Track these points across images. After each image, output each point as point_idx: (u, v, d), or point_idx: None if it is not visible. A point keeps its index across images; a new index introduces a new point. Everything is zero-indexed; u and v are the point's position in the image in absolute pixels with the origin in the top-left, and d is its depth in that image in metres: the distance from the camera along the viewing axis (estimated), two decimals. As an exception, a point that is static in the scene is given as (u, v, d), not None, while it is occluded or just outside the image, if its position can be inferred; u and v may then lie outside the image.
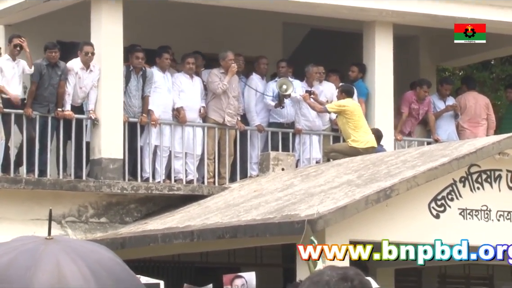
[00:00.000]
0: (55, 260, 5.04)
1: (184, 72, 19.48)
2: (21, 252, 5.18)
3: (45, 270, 4.94)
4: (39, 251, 5.14)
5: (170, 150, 19.26)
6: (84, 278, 5.03)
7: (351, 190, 15.65)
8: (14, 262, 5.03)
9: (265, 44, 21.28)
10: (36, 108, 18.43)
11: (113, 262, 5.53)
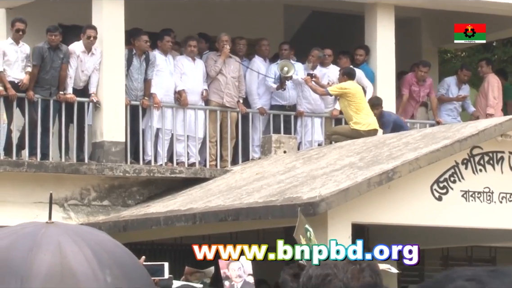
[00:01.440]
0: (57, 242, 5.06)
1: (186, 55, 19.50)
2: (21, 235, 5.21)
3: (47, 251, 4.96)
4: (40, 234, 5.17)
5: (172, 133, 19.29)
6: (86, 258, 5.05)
7: (353, 172, 15.68)
8: (15, 244, 5.05)
9: (267, 26, 21.29)
10: (38, 91, 18.48)
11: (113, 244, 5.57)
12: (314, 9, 22.09)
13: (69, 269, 4.92)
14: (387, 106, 19.57)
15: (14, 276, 4.75)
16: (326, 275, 3.76)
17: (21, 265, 4.81)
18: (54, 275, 4.86)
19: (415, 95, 21.10)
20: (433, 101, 21.28)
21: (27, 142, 18.41)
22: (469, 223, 16.19)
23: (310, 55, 20.05)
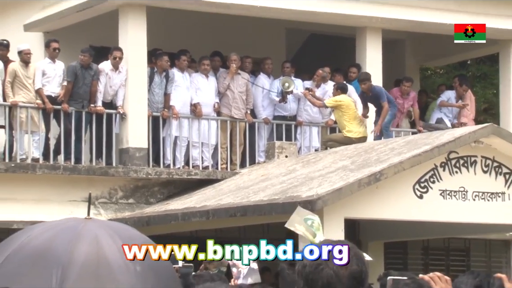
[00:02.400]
0: (94, 234, 5.13)
1: (200, 72, 19.53)
2: (63, 228, 5.28)
3: (85, 242, 5.02)
4: (79, 227, 5.24)
5: (188, 140, 19.31)
6: (119, 250, 5.11)
7: (346, 174, 15.69)
8: (57, 236, 5.11)
9: (271, 47, 21.27)
10: (72, 104, 18.51)
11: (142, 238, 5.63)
12: (312, 32, 22.07)
13: (104, 258, 4.98)
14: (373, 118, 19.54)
15: (56, 264, 4.80)
16: (319, 264, 3.78)
17: (62, 254, 4.86)
18: (91, 264, 4.92)
19: (400, 107, 21.02)
20: (415, 112, 21.24)
21: (62, 148, 18.44)
22: (446, 218, 16.21)
23: (315, 75, 20.07)
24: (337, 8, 20.04)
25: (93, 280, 4.92)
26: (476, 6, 21.39)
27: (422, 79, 25.24)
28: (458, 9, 21.12)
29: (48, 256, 4.86)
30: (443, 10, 20.94)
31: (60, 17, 19.93)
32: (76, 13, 19.53)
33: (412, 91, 21.34)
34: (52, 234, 5.10)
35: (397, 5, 20.64)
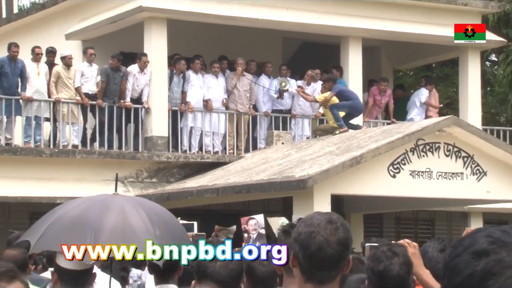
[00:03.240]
0: (121, 207, 5.16)
1: (211, 74, 19.52)
2: (95, 201, 5.32)
3: (113, 212, 5.06)
4: (108, 201, 5.27)
5: (202, 130, 19.28)
6: (141, 218, 5.15)
7: (332, 158, 15.70)
8: (90, 207, 5.15)
9: (270, 53, 21.25)
10: (105, 100, 18.50)
11: (161, 209, 5.66)
12: (304, 40, 22.03)
13: (129, 225, 5.01)
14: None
15: (90, 229, 4.82)
16: (312, 232, 3.79)
17: (95, 222, 4.89)
18: (118, 229, 4.96)
19: (378, 102, 21.01)
20: (390, 106, 21.23)
21: (97, 137, 18.46)
22: (415, 193, 16.24)
23: (306, 75, 20.05)
24: (324, 20, 20.01)
25: (120, 242, 4.97)
26: (441, 19, 21.33)
27: (395, 79, 25.19)
28: (425, 21, 21.09)
29: (83, 223, 4.90)
30: (413, 22, 20.90)
31: (95, 28, 19.92)
32: (109, 24, 19.54)
33: (388, 89, 21.33)
34: (86, 206, 5.16)
35: (374, 18, 20.58)
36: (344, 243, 3.70)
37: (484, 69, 25.84)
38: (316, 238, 3.70)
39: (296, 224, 4.22)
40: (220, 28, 19.81)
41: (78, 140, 18.47)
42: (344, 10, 20.44)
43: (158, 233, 5.08)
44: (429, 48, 22.36)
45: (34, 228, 5.23)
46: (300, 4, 20.00)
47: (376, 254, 4.73)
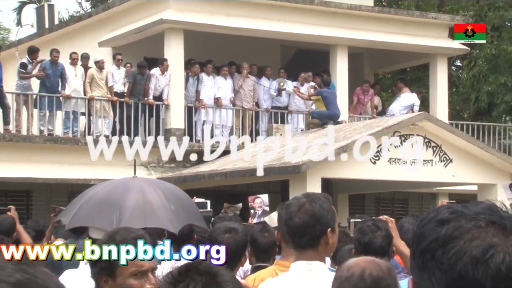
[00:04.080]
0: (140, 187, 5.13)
1: (221, 76, 19.52)
2: (117, 183, 5.28)
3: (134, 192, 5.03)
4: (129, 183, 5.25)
5: (212, 123, 19.29)
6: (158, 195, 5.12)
7: (322, 147, 15.69)
8: (114, 189, 5.11)
9: (270, 58, 21.24)
10: (132, 97, 18.53)
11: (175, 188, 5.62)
12: (299, 48, 21.99)
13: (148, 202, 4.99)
14: (343, 108, 19.49)
15: (114, 207, 4.81)
16: (288, 204, 3.80)
17: (118, 201, 4.88)
18: (139, 206, 4.95)
19: (361, 101, 21.03)
20: (372, 104, 21.25)
21: (125, 128, 18.47)
22: (392, 177, 16.23)
23: (300, 77, 20.05)
24: (316, 31, 20.01)
25: (142, 216, 4.95)
26: (414, 30, 21.34)
27: (376, 81, 25.13)
28: (401, 32, 21.10)
29: (108, 203, 4.89)
30: (391, 33, 20.91)
31: (123, 37, 19.96)
32: (135, 34, 19.57)
33: (371, 89, 21.32)
34: (110, 188, 5.15)
35: (358, 29, 20.58)
36: (311, 214, 3.67)
37: (451, 73, 25.80)
38: (288, 209, 3.71)
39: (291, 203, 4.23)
40: (228, 37, 19.78)
41: (109, 131, 18.50)
42: (333, 23, 20.44)
43: (173, 207, 5.07)
44: (404, 55, 22.37)
45: (68, 209, 5.25)
46: (295, 17, 20.04)
47: (363, 228, 4.73)
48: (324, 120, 18.42)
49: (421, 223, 1.60)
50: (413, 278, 1.57)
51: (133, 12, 19.91)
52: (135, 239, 2.77)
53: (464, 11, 25.78)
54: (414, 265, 1.57)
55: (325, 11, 20.44)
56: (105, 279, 3.14)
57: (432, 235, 1.54)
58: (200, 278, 1.98)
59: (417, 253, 1.56)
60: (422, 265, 1.54)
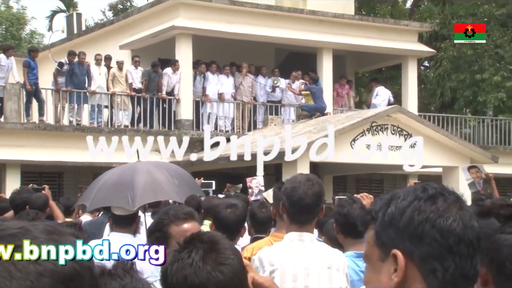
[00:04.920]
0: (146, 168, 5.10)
1: (224, 74, 19.47)
2: (126, 168, 5.22)
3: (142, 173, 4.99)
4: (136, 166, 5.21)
5: (217, 115, 19.28)
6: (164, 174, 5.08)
7: (310, 135, 15.68)
8: (124, 172, 5.07)
9: (266, 59, 21.20)
10: (147, 93, 18.46)
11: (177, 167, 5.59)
12: (291, 50, 21.94)
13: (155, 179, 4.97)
14: (328, 102, 19.47)
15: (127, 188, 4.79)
16: (294, 187, 3.78)
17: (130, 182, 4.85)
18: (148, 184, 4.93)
19: (340, 94, 21.04)
20: (349, 96, 21.29)
21: (142, 119, 18.45)
22: (370, 161, 16.20)
23: (291, 75, 19.98)
24: (305, 36, 20.00)
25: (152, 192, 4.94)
26: (389, 35, 21.33)
27: (356, 79, 25.11)
28: (378, 37, 21.08)
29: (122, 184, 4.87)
30: (369, 38, 20.90)
31: (140, 41, 19.93)
32: (150, 38, 19.56)
33: (346, 85, 21.29)
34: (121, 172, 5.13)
35: (341, 35, 20.56)
36: (317, 195, 3.70)
37: (419, 72, 25.78)
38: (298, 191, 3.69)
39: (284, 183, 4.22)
40: (230, 41, 19.73)
41: (128, 121, 18.41)
42: (319, 29, 20.41)
43: (176, 182, 5.08)
44: (380, 56, 22.32)
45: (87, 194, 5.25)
46: (287, 24, 20.01)
47: (341, 202, 4.75)
48: (312, 112, 18.46)
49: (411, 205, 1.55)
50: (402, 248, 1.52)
51: (149, 20, 19.86)
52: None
53: (431, 19, 25.71)
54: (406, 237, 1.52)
55: (312, 19, 20.40)
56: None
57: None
58: (202, 245, 1.97)
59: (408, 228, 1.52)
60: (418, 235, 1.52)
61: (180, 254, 1.99)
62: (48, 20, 38.66)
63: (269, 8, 20.10)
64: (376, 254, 1.53)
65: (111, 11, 36.84)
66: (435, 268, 1.48)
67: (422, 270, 1.48)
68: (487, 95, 24.39)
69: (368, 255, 1.57)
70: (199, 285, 1.91)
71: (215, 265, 1.94)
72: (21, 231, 1.13)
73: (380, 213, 1.54)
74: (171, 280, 1.96)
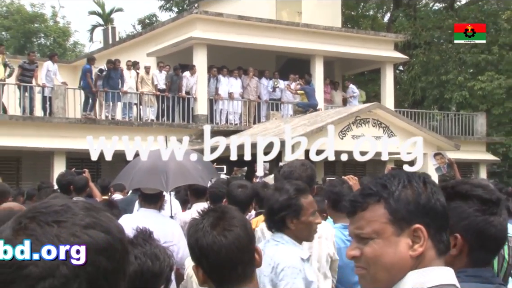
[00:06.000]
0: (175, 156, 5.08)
1: (233, 77, 19.36)
2: (157, 156, 5.16)
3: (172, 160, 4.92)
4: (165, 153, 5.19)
5: (227, 110, 19.23)
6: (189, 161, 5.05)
7: (305, 127, 15.62)
8: (156, 160, 4.98)
9: (268, 64, 21.11)
10: (170, 92, 18.39)
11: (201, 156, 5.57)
12: (289, 57, 21.86)
13: (184, 166, 4.95)
14: (319, 100, 19.42)
15: (161, 172, 4.76)
16: (291, 171, 3.76)
17: (163, 167, 4.81)
18: (178, 169, 4.90)
19: (326, 91, 20.99)
20: (332, 96, 21.24)
21: (165, 114, 18.41)
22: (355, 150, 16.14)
23: (289, 78, 19.83)
24: (301, 45, 19.94)
25: (182, 176, 4.91)
26: (370, 44, 21.26)
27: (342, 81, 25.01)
28: (361, 46, 21.01)
29: (156, 169, 4.83)
30: (354, 46, 20.85)
31: (164, 49, 19.88)
32: (172, 47, 19.48)
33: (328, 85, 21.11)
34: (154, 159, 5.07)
35: (330, 44, 20.49)
36: (310, 177, 3.70)
37: (395, 75, 25.64)
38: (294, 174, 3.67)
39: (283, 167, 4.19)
40: (238, 49, 19.67)
41: (154, 116, 18.31)
42: (313, 39, 20.31)
43: (200, 167, 5.07)
44: (363, 62, 22.23)
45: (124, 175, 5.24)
46: (286, 35, 19.94)
47: (333, 182, 4.73)
48: (306, 108, 18.41)
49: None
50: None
51: (171, 32, 19.78)
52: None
53: (404, 31, 25.60)
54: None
55: (307, 31, 20.32)
56: (292, 219, 3.09)
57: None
58: (214, 214, 1.98)
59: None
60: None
61: (197, 221, 1.99)
62: (89, 33, 38.64)
63: (271, 22, 20.01)
64: (391, 230, 1.48)
65: (140, 25, 36.79)
66: (442, 238, 1.51)
67: (434, 240, 1.49)
68: (451, 94, 24.31)
69: (379, 231, 1.49)
70: (206, 247, 1.91)
71: (221, 231, 1.93)
72: (63, 208, 1.11)
73: (397, 193, 1.50)
74: (188, 242, 1.98)
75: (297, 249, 3.03)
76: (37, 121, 17.01)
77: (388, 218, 1.49)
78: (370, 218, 1.50)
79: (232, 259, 1.89)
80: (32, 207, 1.14)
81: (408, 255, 1.46)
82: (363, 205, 1.52)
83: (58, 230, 1.08)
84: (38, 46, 37.13)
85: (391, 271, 1.45)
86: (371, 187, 1.54)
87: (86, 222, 1.10)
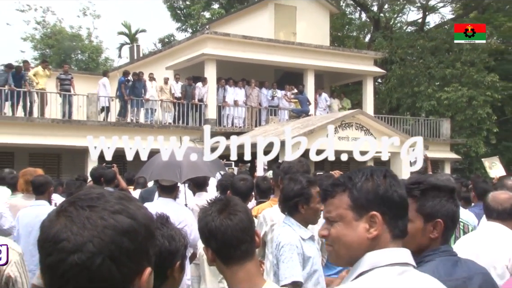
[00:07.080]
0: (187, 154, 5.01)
1: (238, 87, 19.29)
2: (172, 154, 5.07)
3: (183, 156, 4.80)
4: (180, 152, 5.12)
5: (233, 115, 19.16)
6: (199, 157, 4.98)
7: (298, 130, 15.57)
8: (171, 157, 4.95)
9: (267, 76, 21.05)
10: (185, 100, 18.34)
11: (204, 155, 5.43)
12: (285, 70, 21.78)
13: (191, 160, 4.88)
14: (310, 107, 19.37)
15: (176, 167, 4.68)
16: (290, 166, 3.73)
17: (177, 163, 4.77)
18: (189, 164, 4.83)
19: (316, 100, 20.93)
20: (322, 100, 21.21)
21: (181, 119, 18.36)
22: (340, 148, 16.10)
23: (285, 88, 19.78)
24: (295, 61, 19.83)
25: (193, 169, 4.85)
26: (354, 60, 21.20)
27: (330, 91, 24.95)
28: (346, 61, 20.96)
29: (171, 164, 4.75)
30: (340, 62, 20.79)
31: (180, 64, 19.80)
32: (187, 62, 19.36)
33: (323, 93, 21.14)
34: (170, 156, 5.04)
35: (320, 59, 20.44)
36: (306, 172, 3.66)
37: (375, 86, 25.58)
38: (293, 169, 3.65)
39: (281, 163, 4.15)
40: (242, 64, 19.60)
41: (171, 120, 18.22)
42: (305, 56, 20.19)
43: (209, 163, 5.03)
44: (348, 75, 22.15)
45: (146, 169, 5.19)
46: (283, 52, 19.81)
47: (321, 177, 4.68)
48: (300, 114, 18.38)
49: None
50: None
51: (186, 49, 19.71)
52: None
53: (383, 49, 25.57)
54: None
55: (300, 49, 20.25)
56: (303, 205, 3.11)
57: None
58: (220, 202, 2.01)
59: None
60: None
61: (205, 208, 2.01)
62: (118, 50, 38.77)
63: (270, 41, 19.91)
64: (351, 215, 1.50)
65: (160, 43, 36.87)
66: (398, 224, 1.50)
67: (390, 226, 1.49)
68: (422, 103, 24.32)
69: (341, 215, 1.52)
70: (214, 228, 1.92)
71: (227, 215, 1.94)
72: (98, 196, 1.13)
73: (359, 184, 1.51)
74: (199, 225, 1.98)
75: (301, 230, 3.06)
76: (74, 123, 17.07)
77: (349, 205, 1.51)
78: (336, 204, 1.53)
79: (237, 238, 1.90)
80: (76, 194, 1.16)
81: (365, 236, 1.47)
82: (332, 193, 1.54)
83: (89, 214, 1.09)
84: (75, 61, 37.56)
85: (351, 249, 1.47)
86: (339, 179, 1.56)
87: (114, 209, 1.11)
